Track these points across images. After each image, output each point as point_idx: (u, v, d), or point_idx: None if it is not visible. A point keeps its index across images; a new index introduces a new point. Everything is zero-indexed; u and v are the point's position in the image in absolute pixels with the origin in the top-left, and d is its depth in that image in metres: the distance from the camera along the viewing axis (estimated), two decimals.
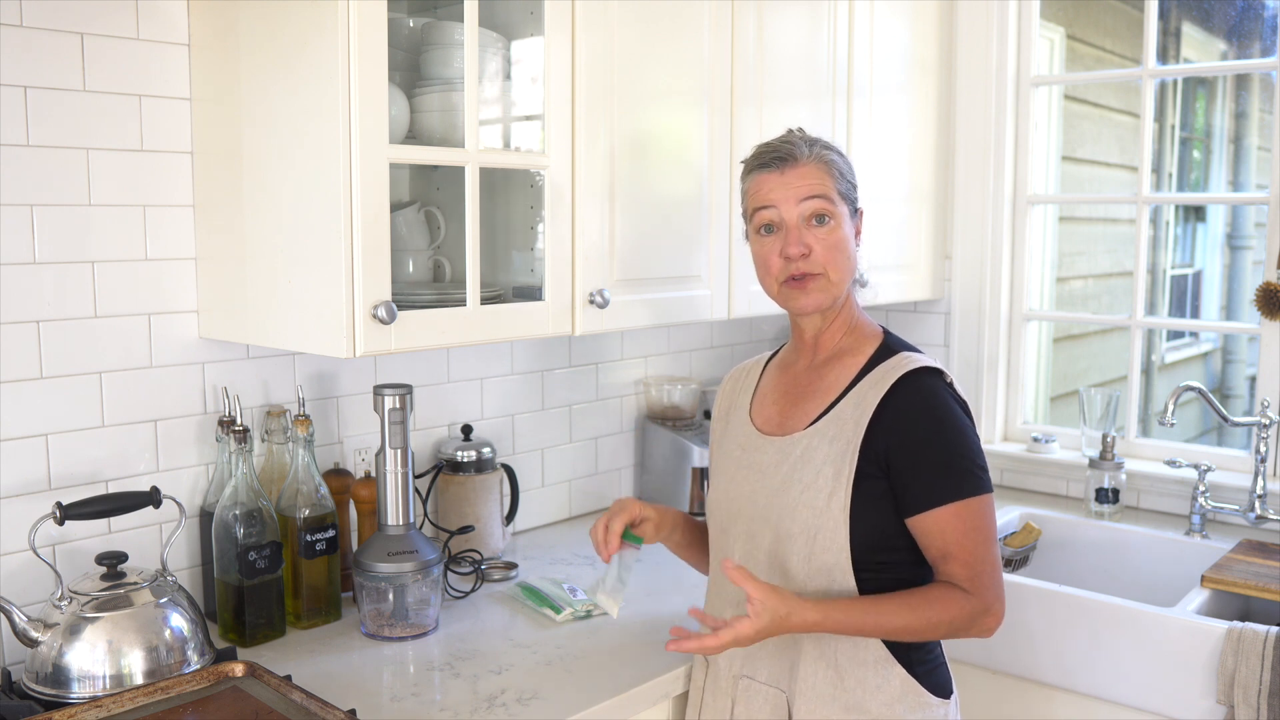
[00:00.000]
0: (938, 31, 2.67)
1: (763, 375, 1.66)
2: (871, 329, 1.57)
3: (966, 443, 1.45)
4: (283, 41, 1.55)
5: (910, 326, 2.87)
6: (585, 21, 1.78)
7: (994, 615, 1.43)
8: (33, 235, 1.59)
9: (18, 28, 1.54)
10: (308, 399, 1.92)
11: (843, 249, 1.51)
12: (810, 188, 1.49)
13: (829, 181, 1.50)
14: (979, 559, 1.42)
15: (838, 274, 1.51)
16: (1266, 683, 1.76)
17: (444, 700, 1.53)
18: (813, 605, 1.37)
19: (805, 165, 1.50)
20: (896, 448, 1.43)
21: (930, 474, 1.42)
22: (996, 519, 1.47)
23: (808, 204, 1.49)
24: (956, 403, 1.47)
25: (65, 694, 1.43)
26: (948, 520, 1.42)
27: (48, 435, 1.62)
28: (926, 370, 1.47)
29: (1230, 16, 4.88)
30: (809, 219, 1.49)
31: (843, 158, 1.55)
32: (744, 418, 1.62)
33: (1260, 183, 5.28)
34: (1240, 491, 2.38)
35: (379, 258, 1.52)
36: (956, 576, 1.42)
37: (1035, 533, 2.45)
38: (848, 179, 1.54)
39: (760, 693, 1.52)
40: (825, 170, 1.51)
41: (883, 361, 1.50)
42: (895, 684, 1.46)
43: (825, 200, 1.49)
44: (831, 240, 1.50)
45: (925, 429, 1.44)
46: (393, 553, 1.73)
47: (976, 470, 1.44)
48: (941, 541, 1.43)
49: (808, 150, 1.51)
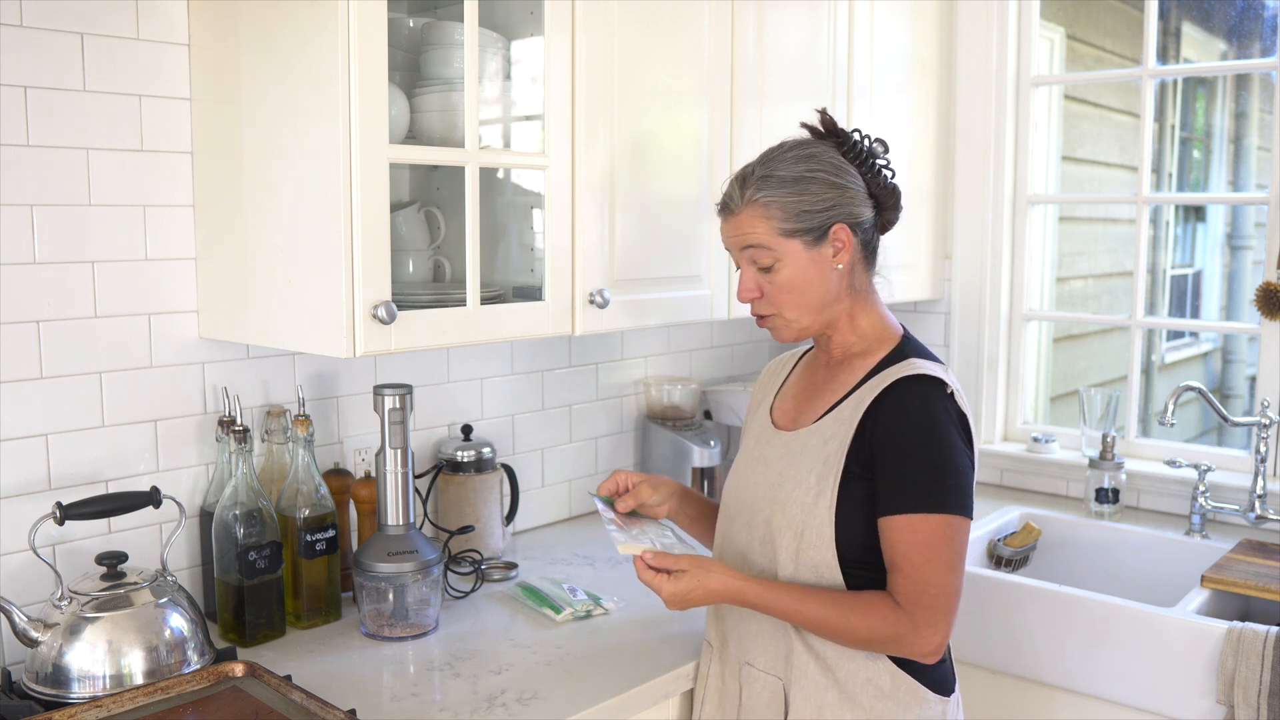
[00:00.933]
0: (938, 31, 2.67)
1: (793, 370, 1.68)
2: (890, 331, 1.55)
3: (945, 459, 1.40)
4: (283, 41, 1.55)
5: (910, 326, 2.82)
6: (585, 21, 1.78)
7: (925, 640, 1.39)
8: (33, 235, 1.59)
9: (18, 28, 1.54)
10: (308, 399, 1.92)
11: (792, 288, 1.48)
12: (745, 237, 1.49)
13: (764, 225, 1.47)
14: (924, 579, 1.38)
15: (795, 311, 1.50)
16: (1266, 683, 1.76)
17: (444, 700, 1.53)
18: (737, 575, 1.44)
19: (740, 214, 1.49)
20: (880, 450, 1.43)
21: (898, 480, 1.40)
22: (965, 545, 1.41)
23: (746, 253, 1.50)
24: (954, 417, 1.43)
25: (65, 694, 1.43)
26: (899, 530, 1.40)
27: (48, 435, 1.62)
28: (924, 378, 1.44)
29: (1230, 16, 4.88)
30: (752, 265, 1.50)
31: (796, 183, 1.47)
32: (766, 411, 1.63)
33: (1260, 183, 5.28)
34: (1240, 491, 2.38)
35: (379, 258, 1.52)
36: (896, 589, 1.40)
37: (1035, 533, 2.45)
38: (797, 209, 1.46)
39: (759, 680, 1.53)
40: (762, 214, 1.47)
41: (892, 365, 1.48)
42: (885, 678, 1.46)
43: (760, 248, 1.48)
44: (777, 282, 1.49)
45: (905, 436, 1.41)
46: (393, 553, 1.73)
47: (945, 489, 1.39)
48: (891, 551, 1.41)
49: (741, 198, 1.49)
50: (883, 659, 1.46)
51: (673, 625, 1.81)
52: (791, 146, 1.52)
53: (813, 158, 1.49)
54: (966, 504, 1.41)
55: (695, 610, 1.83)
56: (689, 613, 1.83)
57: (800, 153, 1.50)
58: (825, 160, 1.49)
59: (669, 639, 1.75)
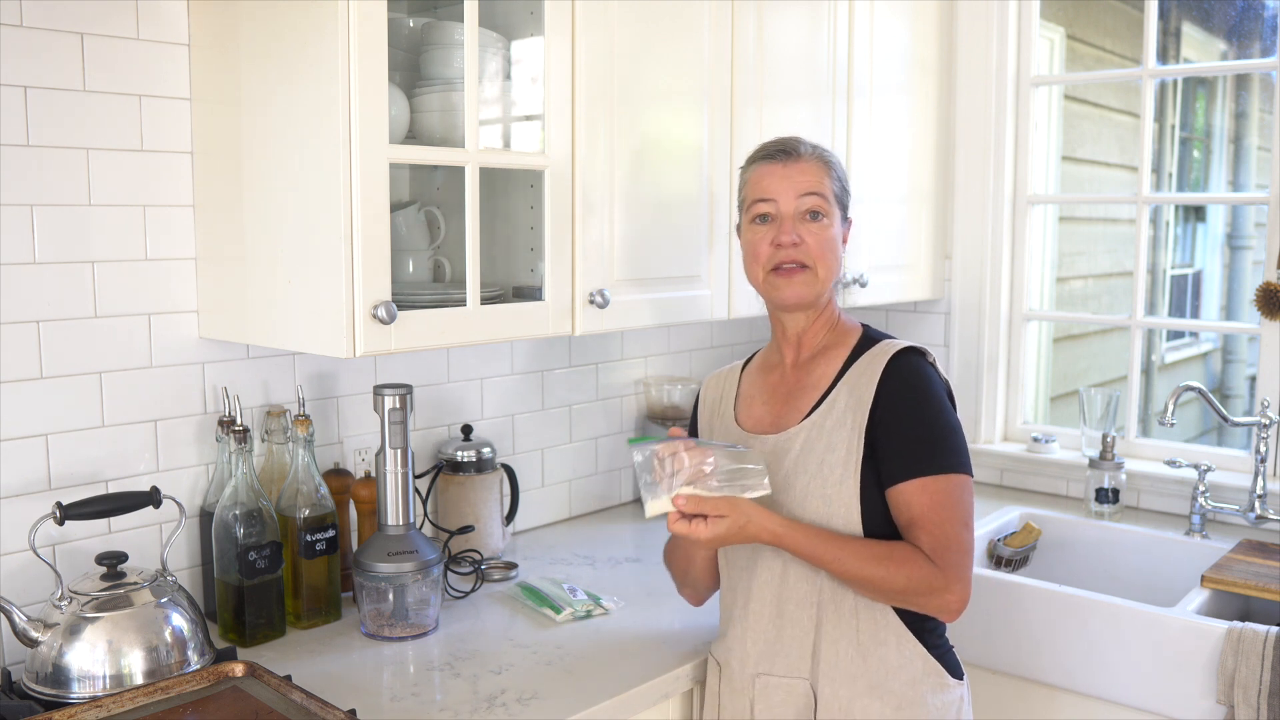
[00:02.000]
0: (938, 31, 2.67)
1: (741, 379, 1.68)
2: (851, 325, 1.61)
3: (944, 420, 1.47)
4: (283, 41, 1.55)
5: (910, 326, 2.87)
6: (585, 21, 1.78)
7: (955, 595, 1.41)
8: (33, 235, 1.59)
9: (18, 28, 1.55)
10: (308, 399, 1.92)
11: (832, 247, 1.56)
12: (809, 183, 1.54)
13: (827, 181, 1.55)
14: (945, 533, 1.42)
15: (825, 270, 1.55)
16: (1266, 683, 1.76)
17: (444, 700, 1.53)
18: (775, 517, 1.41)
19: (806, 161, 1.55)
20: (881, 425, 1.46)
21: (905, 447, 1.45)
22: (974, 507, 1.47)
23: (805, 199, 1.54)
24: (942, 382, 1.51)
25: (65, 694, 1.43)
26: (914, 493, 1.43)
27: (48, 435, 1.62)
28: (910, 349, 1.51)
29: (1230, 16, 4.88)
30: (804, 214, 1.54)
31: (840, 165, 1.60)
32: (729, 422, 1.63)
33: (1260, 183, 5.28)
34: (1240, 491, 2.38)
35: (379, 258, 1.52)
36: (921, 544, 1.42)
37: (1035, 533, 2.45)
38: (844, 184, 1.59)
39: (780, 686, 1.52)
40: (825, 170, 1.56)
41: (867, 350, 1.53)
42: (917, 664, 1.48)
43: (821, 198, 1.54)
44: (824, 236, 1.54)
45: (905, 403, 1.47)
46: (393, 553, 1.73)
47: (951, 449, 1.45)
48: (909, 513, 1.44)
49: (810, 149, 1.57)
50: (916, 644, 1.48)
51: (673, 626, 1.81)
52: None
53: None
54: (969, 462, 1.48)
55: (694, 610, 1.83)
56: (688, 613, 1.83)
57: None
58: None
59: (669, 639, 1.75)
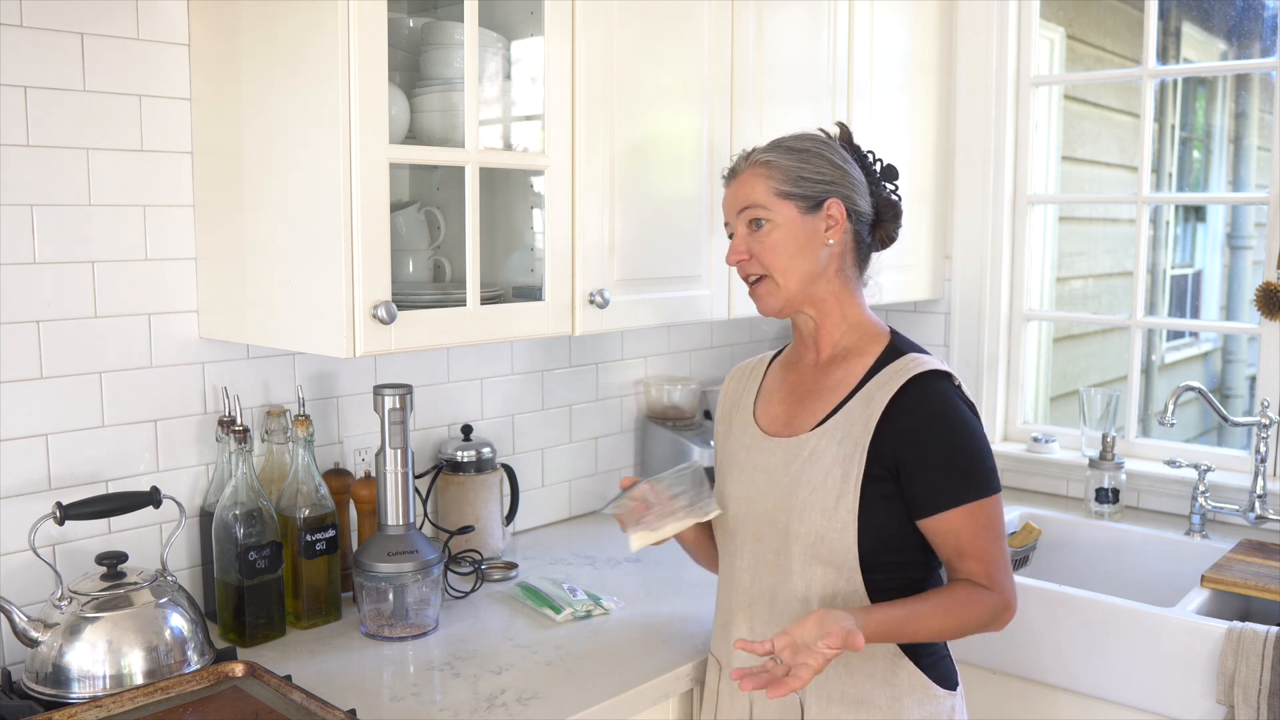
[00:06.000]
0: (938, 32, 2.67)
1: (766, 374, 1.65)
2: (878, 329, 1.55)
3: (977, 445, 1.46)
4: (283, 42, 1.55)
5: (910, 326, 2.87)
6: (585, 21, 1.78)
7: (1011, 610, 1.47)
8: (33, 235, 1.59)
9: (18, 28, 1.55)
10: (308, 399, 1.92)
11: (782, 249, 1.50)
12: (744, 197, 1.52)
13: (762, 185, 1.50)
14: (993, 556, 1.45)
15: (784, 273, 1.51)
16: (1266, 683, 1.76)
17: (444, 700, 1.53)
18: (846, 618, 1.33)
19: (743, 175, 1.54)
20: (905, 451, 1.43)
21: (942, 477, 1.43)
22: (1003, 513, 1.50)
23: (744, 214, 1.53)
24: (968, 404, 1.48)
25: (65, 694, 1.43)
26: (961, 521, 1.43)
27: (48, 435, 1.62)
28: (935, 373, 1.47)
29: (1230, 16, 4.88)
30: (749, 226, 1.52)
31: (800, 153, 1.51)
32: (748, 418, 1.60)
33: (1260, 183, 5.28)
34: (1240, 491, 2.38)
35: (379, 258, 1.52)
36: (974, 574, 1.45)
37: (1035, 533, 2.45)
38: (801, 175, 1.49)
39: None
40: (762, 174, 1.51)
41: (891, 362, 1.49)
42: (904, 678, 1.47)
43: (756, 207, 1.51)
44: (768, 242, 1.50)
45: (935, 433, 1.44)
46: (393, 553, 1.73)
47: (986, 471, 1.46)
48: (956, 541, 1.44)
49: (745, 162, 1.54)
50: (903, 659, 1.47)
51: (672, 626, 1.81)
52: (804, 131, 1.58)
53: (821, 141, 1.56)
54: (998, 479, 1.49)
55: (694, 611, 1.83)
56: (688, 614, 1.84)
57: (811, 135, 1.57)
58: (834, 148, 1.55)
59: (669, 639, 1.75)
